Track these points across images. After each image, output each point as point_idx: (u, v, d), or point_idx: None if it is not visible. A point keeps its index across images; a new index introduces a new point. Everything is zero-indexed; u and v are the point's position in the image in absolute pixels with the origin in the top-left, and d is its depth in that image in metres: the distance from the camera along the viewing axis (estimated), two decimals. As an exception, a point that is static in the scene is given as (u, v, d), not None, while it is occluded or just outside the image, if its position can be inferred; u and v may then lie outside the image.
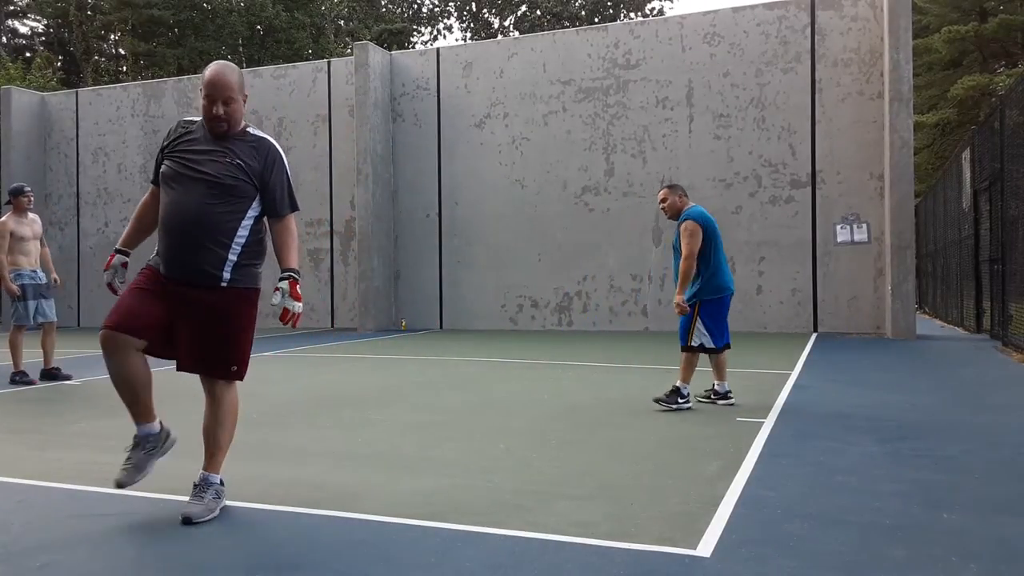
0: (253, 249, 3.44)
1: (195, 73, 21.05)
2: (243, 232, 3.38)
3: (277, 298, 3.37)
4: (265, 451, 4.72)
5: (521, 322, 15.05)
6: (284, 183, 3.48)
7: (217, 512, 3.39)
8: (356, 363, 9.79)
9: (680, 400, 5.95)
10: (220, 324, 3.37)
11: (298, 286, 3.41)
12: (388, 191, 15.93)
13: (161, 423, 3.54)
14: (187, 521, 3.25)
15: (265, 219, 3.50)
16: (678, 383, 6.00)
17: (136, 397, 3.38)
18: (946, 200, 16.39)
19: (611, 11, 39.89)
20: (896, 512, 3.33)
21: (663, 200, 6.17)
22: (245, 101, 3.43)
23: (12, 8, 36.43)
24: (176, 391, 5.27)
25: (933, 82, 31.25)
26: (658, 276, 14.16)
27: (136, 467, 3.41)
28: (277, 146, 3.52)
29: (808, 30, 13.46)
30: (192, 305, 3.34)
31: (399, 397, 6.93)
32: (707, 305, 6.03)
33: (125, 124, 18.18)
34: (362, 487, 3.88)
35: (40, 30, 37.77)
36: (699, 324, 6.01)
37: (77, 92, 19.15)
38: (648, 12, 40.34)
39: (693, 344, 6.02)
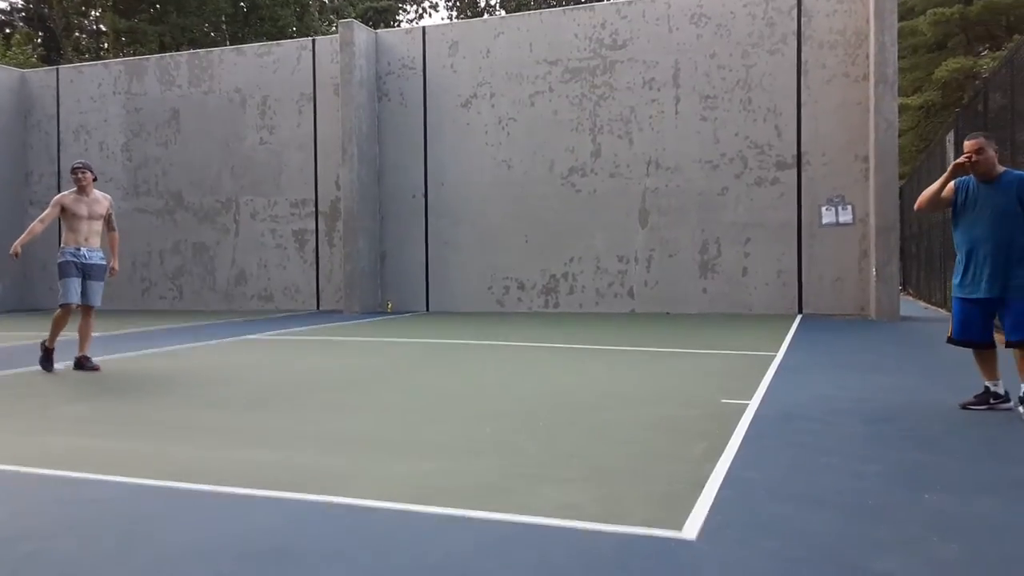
0: None
1: (177, 50, 20.73)
2: None
3: None
4: (251, 435, 4.71)
5: (507, 304, 15.05)
6: None
7: None
8: (342, 346, 9.76)
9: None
10: None
11: None
12: (373, 171, 15.83)
13: None
14: None
15: None
16: None
17: None
18: (930, 182, 16.45)
19: (598, -10, 39.64)
20: (879, 492, 3.37)
21: (980, 151, 4.72)
22: None
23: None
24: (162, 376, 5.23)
25: (918, 64, 31.27)
26: (644, 258, 14.18)
27: None
28: None
29: (795, 11, 13.42)
30: None
31: (385, 380, 6.92)
32: None
33: (107, 102, 17.91)
34: (349, 471, 3.88)
35: (20, 5, 37.08)
36: None
37: (58, 70, 18.85)
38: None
39: None
